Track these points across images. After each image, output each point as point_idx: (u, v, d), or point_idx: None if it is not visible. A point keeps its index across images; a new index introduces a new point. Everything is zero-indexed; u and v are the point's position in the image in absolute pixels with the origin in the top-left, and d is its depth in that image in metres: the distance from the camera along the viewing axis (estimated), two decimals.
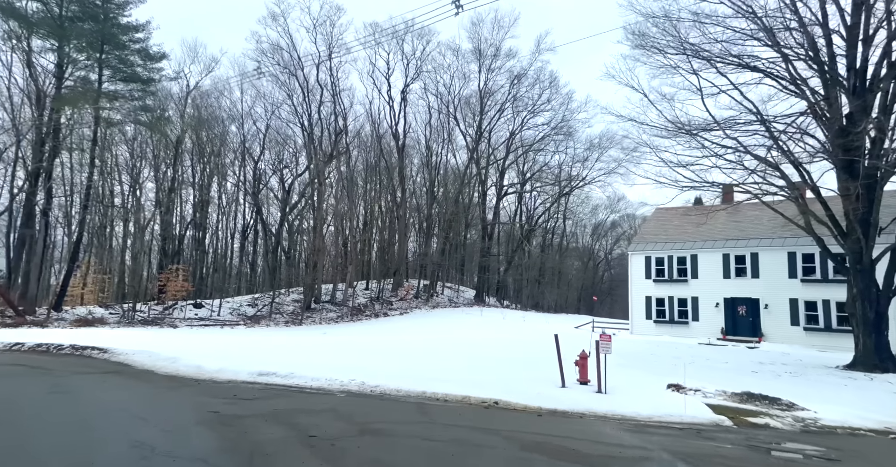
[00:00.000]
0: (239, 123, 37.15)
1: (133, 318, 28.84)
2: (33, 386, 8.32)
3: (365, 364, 11.90)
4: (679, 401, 8.60)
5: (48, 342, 15.87)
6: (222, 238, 42.76)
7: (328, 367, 11.08)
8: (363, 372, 10.45)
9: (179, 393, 8.38)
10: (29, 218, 28.70)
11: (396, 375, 10.21)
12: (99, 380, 9.06)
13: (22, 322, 25.58)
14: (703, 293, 21.09)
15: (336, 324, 30.75)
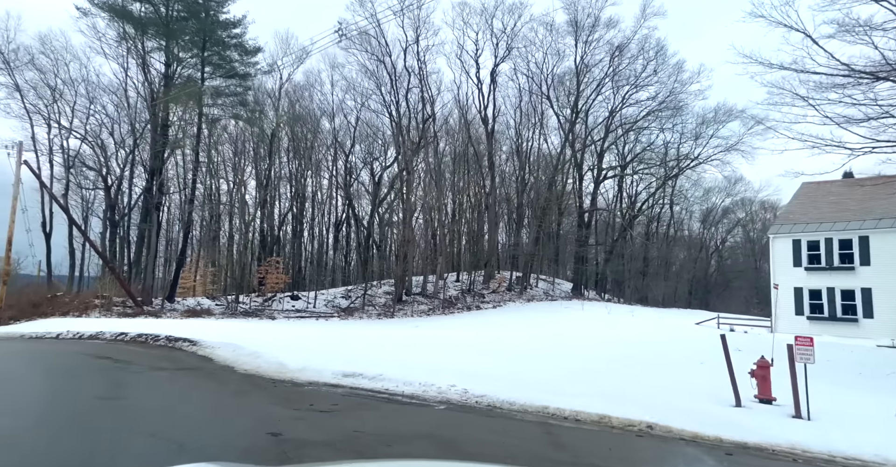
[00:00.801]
0: (330, 116, 36.92)
1: (236, 310, 29.30)
2: (96, 385, 7.23)
3: (464, 364, 9.93)
4: None
5: (149, 332, 15.61)
6: (318, 231, 43.16)
7: (423, 368, 9.25)
8: (464, 376, 8.48)
9: (248, 399, 6.86)
10: (147, 213, 30.04)
11: (505, 381, 8.13)
12: (168, 380, 7.82)
13: (140, 312, 26.68)
14: (878, 284, 16.76)
15: (428, 317, 29.34)
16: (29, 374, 7.56)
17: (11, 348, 12.55)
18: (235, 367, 9.82)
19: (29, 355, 10.38)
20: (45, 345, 14.40)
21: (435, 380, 8.19)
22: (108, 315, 26.03)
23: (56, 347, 12.87)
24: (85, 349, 12.19)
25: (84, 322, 21.56)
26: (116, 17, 26.17)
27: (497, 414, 6.60)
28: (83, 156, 34.03)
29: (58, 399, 6.31)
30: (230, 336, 14.30)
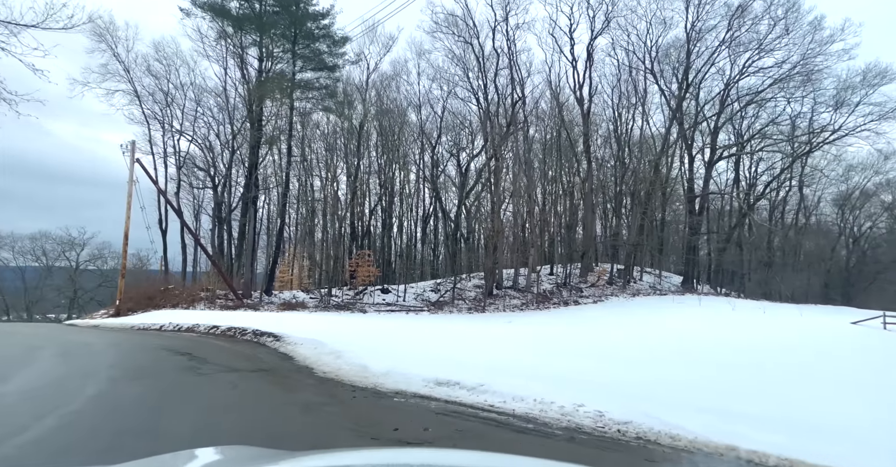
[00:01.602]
0: (416, 107, 35.86)
1: (329, 303, 29.10)
2: (148, 390, 6.09)
3: (580, 371, 7.88)
4: None
5: (238, 326, 15.09)
6: (406, 225, 42.54)
7: (532, 375, 7.33)
8: (588, 389, 6.46)
9: (318, 417, 5.32)
10: (246, 208, 30.75)
11: (643, 399, 5.99)
12: (233, 386, 6.54)
13: (240, 304, 27.20)
14: None
15: (521, 312, 27.24)
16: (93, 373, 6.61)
17: (108, 341, 12.31)
18: (314, 369, 8.49)
19: (115, 350, 9.81)
20: (143, 338, 14.26)
21: (553, 396, 6.22)
22: (211, 307, 26.76)
23: (149, 341, 12.47)
24: (173, 343, 11.61)
25: (187, 314, 22.00)
26: (216, 16, 26.67)
27: (658, 453, 4.51)
28: (193, 156, 35.88)
29: (92, 405, 5.14)
30: (316, 331, 13.26)
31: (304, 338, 11.27)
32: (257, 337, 12.92)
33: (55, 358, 8.53)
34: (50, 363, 8.00)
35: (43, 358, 8.48)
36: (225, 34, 27.05)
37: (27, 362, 7.99)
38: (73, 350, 9.84)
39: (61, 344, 11.10)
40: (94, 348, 10.23)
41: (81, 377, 6.42)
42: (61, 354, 9.05)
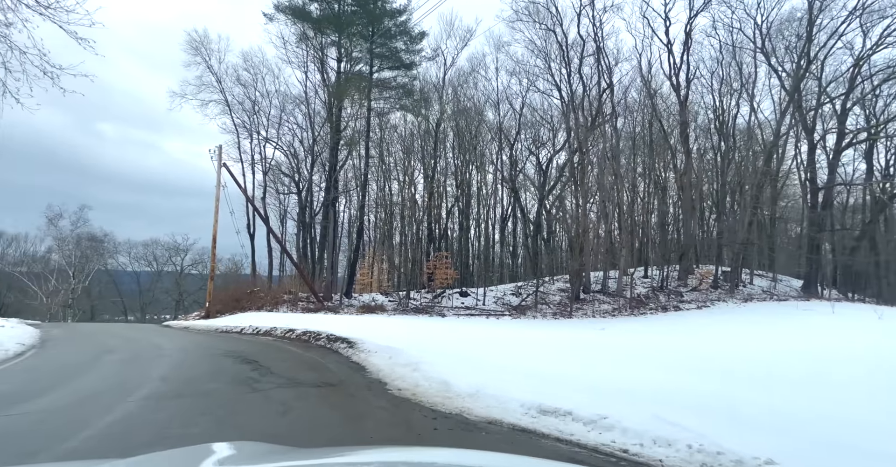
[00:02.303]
0: (494, 104, 34.27)
1: (407, 306, 28.17)
2: (188, 412, 4.92)
3: (728, 396, 5.83)
4: None
5: (313, 330, 14.20)
6: (483, 226, 40.99)
7: (665, 401, 5.45)
8: (763, 428, 4.46)
9: None
10: (327, 211, 30.69)
11: (805, 437, 3.91)
12: (288, 408, 5.24)
13: (321, 307, 26.94)
14: None
15: (613, 319, 24.64)
16: (136, 387, 5.64)
17: (182, 344, 11.80)
18: (387, 384, 7.08)
19: (180, 356, 9.05)
20: (218, 341, 13.75)
21: (720, 441, 4.29)
22: (293, 310, 26.69)
23: (222, 346, 11.80)
24: (244, 349, 10.80)
25: (269, 317, 21.81)
26: (297, 19, 26.76)
27: None
28: (279, 163, 36.74)
29: (101, 436, 3.97)
30: (393, 336, 11.98)
31: (380, 346, 9.96)
32: (331, 342, 11.85)
33: (113, 366, 7.82)
34: (103, 372, 7.27)
35: (101, 365, 7.82)
36: (305, 37, 27.06)
37: (83, 370, 7.32)
38: (140, 355, 9.20)
39: (135, 348, 10.63)
40: (162, 353, 9.56)
41: (120, 393, 5.43)
42: (124, 361, 8.37)
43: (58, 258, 46.64)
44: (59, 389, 5.67)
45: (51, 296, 44.25)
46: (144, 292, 60.14)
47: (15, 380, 6.17)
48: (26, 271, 47.72)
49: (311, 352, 10.55)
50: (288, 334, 14.72)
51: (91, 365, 7.89)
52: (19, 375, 6.67)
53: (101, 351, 9.56)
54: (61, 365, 7.66)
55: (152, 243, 59.15)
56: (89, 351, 9.89)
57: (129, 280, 59.88)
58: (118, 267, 59.91)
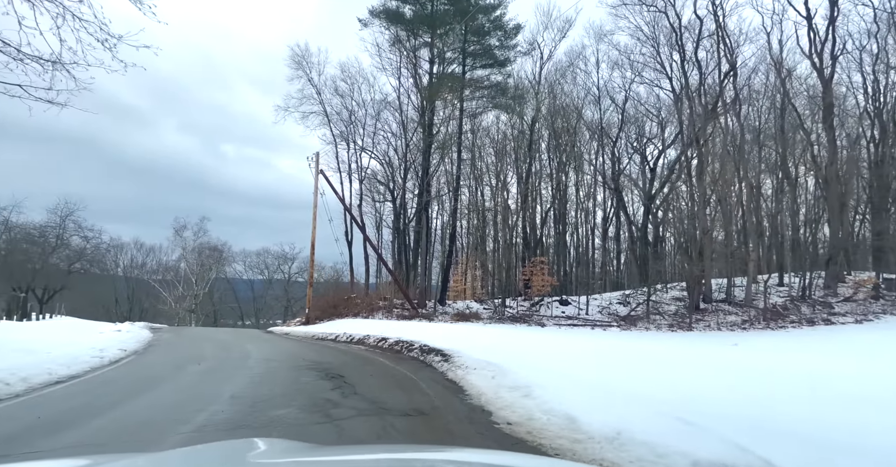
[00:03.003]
0: (595, 100, 31.72)
1: (503, 314, 26.53)
2: None
3: None
4: None
5: (406, 339, 13.10)
6: (583, 230, 38.21)
7: None
8: None
9: None
10: (420, 216, 30.08)
11: None
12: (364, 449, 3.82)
13: (415, 314, 26.18)
14: None
15: (744, 332, 21.06)
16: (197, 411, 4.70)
17: (271, 354, 11.19)
18: (493, 414, 5.54)
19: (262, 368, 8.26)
20: (309, 350, 13.08)
21: None
22: (388, 316, 26.17)
23: (310, 356, 11.01)
24: (333, 360, 9.86)
25: (364, 324, 21.28)
26: (391, 22, 26.52)
27: None
28: (374, 172, 37.05)
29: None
30: (493, 349, 10.46)
31: (479, 360, 8.47)
32: (424, 354, 10.57)
33: (190, 379, 7.16)
34: (177, 387, 6.60)
35: (179, 378, 7.20)
36: (398, 40, 26.69)
37: (157, 384, 6.71)
38: (223, 365, 8.55)
39: (223, 356, 10.13)
40: (246, 363, 8.85)
41: (176, 420, 4.53)
42: (204, 373, 7.69)
43: (184, 266, 51.03)
44: (115, 411, 4.86)
45: (178, 302, 48.38)
46: (258, 298, 64.04)
47: (83, 397, 5.56)
48: (160, 279, 52.78)
49: (403, 366, 9.32)
50: (380, 343, 13.75)
51: (170, 377, 7.26)
52: (93, 389, 6.10)
53: (190, 360, 9.08)
54: (140, 378, 7.08)
55: (264, 252, 62.90)
56: (179, 359, 9.48)
57: (244, 287, 64.13)
58: (235, 275, 64.48)
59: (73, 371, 7.20)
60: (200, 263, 50.93)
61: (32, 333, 11.97)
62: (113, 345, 10.25)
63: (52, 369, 6.92)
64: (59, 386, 6.26)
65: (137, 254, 55.30)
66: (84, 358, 8.24)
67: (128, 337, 12.93)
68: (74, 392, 5.91)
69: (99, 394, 5.73)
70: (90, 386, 6.39)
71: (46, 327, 15.95)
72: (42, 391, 5.88)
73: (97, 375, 7.20)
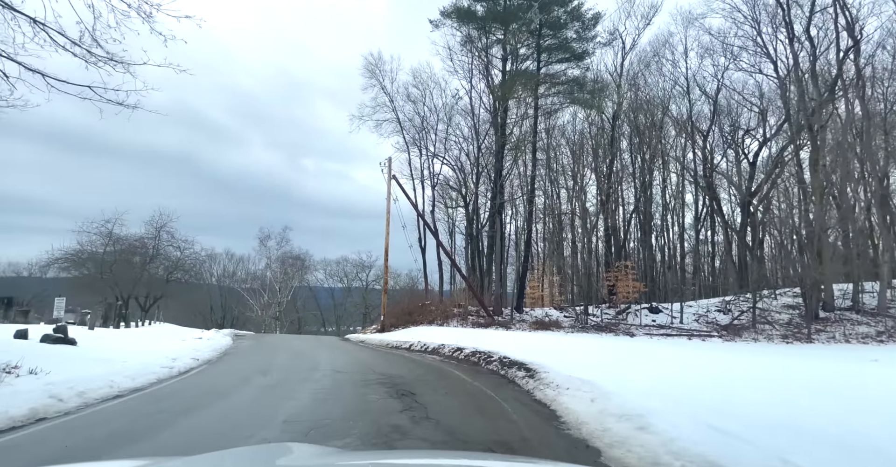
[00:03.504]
0: (683, 91, 29.09)
1: (586, 323, 24.64)
2: None
3: None
4: None
5: (484, 350, 11.98)
6: (671, 232, 35.22)
7: None
8: None
9: None
10: (493, 220, 28.94)
11: None
12: None
13: (491, 322, 25.00)
14: None
15: (880, 345, 17.86)
16: (241, 438, 3.84)
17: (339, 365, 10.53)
18: (602, 453, 4.29)
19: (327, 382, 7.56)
20: (380, 360, 12.33)
21: None
22: (463, 324, 25.18)
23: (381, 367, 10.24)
24: (405, 373, 8.98)
25: (438, 332, 20.42)
26: (462, 22, 25.82)
27: None
28: (447, 178, 36.52)
29: None
30: (581, 363, 9.09)
31: (571, 378, 7.18)
32: (504, 367, 9.40)
33: (252, 394, 6.58)
34: (236, 402, 6.04)
35: (242, 392, 6.65)
36: (469, 39, 25.90)
37: (218, 399, 6.17)
38: (289, 378, 7.92)
39: (292, 367, 9.59)
40: (312, 376, 8.16)
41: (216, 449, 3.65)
42: (268, 387, 7.07)
43: (269, 275, 53.34)
44: (153, 439, 4.23)
45: (264, 309, 50.53)
46: (338, 306, 65.67)
47: (127, 418, 5.07)
48: (248, 287, 55.54)
49: (481, 381, 8.22)
50: (456, 353, 12.74)
51: (230, 391, 6.69)
52: (144, 407, 5.61)
53: (257, 371, 8.57)
54: (199, 392, 6.56)
55: (342, 261, 64.47)
56: (247, 369, 9.02)
57: (325, 295, 66.04)
58: (316, 283, 66.61)
59: (136, 383, 6.82)
60: (284, 272, 52.97)
61: (120, 341, 12.22)
62: (187, 354, 10.04)
63: (116, 382, 6.55)
64: (114, 401, 5.82)
65: (229, 263, 58.66)
66: (153, 368, 7.94)
67: (206, 345, 12.90)
68: (123, 411, 5.40)
69: (146, 414, 5.16)
70: (143, 403, 5.90)
71: (138, 334, 16.58)
72: (95, 407, 5.43)
73: (158, 389, 6.76)
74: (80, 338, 10.74)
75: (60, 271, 30.65)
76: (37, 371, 6.41)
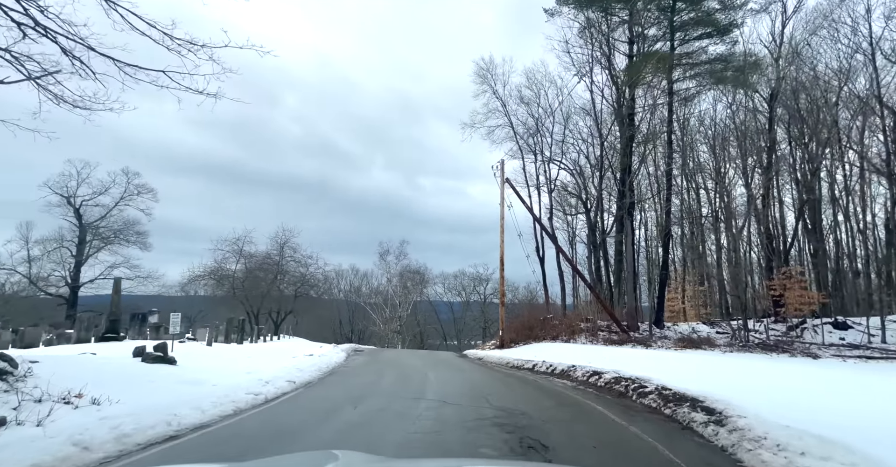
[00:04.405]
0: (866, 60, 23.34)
1: (746, 340, 20.16)
2: None
3: None
4: None
5: (630, 375, 9.38)
6: (849, 233, 28.54)
7: None
8: None
9: None
10: (621, 224, 25.57)
11: None
12: None
13: (626, 339, 21.71)
14: None
15: None
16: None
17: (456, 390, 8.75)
18: None
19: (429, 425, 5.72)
20: (502, 387, 10.29)
21: None
22: (593, 340, 22.17)
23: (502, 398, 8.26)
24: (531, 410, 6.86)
25: (565, 350, 17.85)
26: (581, 7, 23.32)
27: None
28: (564, 184, 33.88)
29: None
30: (789, 401, 6.26)
31: (792, 430, 4.54)
32: (668, 403, 6.83)
33: (328, 436, 5.06)
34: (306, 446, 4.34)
35: (313, 436, 5.10)
36: (589, 24, 23.28)
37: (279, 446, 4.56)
38: (382, 413, 6.24)
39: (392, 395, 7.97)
40: (411, 410, 6.38)
41: None
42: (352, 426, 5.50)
43: (389, 289, 54.28)
44: None
45: (386, 324, 51.27)
46: (458, 320, 65.03)
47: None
48: (371, 302, 57.12)
49: (640, 425, 5.82)
50: (592, 378, 10.26)
51: (307, 432, 5.22)
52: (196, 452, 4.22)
53: (352, 400, 7.05)
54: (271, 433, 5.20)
55: (460, 275, 64.05)
56: (341, 397, 7.58)
57: (444, 308, 65.91)
58: (435, 297, 66.76)
59: (206, 416, 5.62)
60: (403, 286, 53.56)
61: (226, 359, 11.72)
62: (285, 376, 8.98)
63: (181, 414, 5.41)
64: (160, 447, 4.57)
65: (354, 279, 61.08)
66: (238, 395, 6.82)
67: (313, 363, 11.95)
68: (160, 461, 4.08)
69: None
70: (193, 449, 4.59)
71: (254, 351, 16.45)
72: (128, 458, 4.17)
73: (224, 426, 5.47)
74: (187, 355, 10.32)
75: (199, 289, 33.45)
76: (101, 400, 5.48)
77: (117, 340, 14.95)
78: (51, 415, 4.79)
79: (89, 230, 33.76)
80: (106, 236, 34.50)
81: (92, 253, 34.14)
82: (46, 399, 5.18)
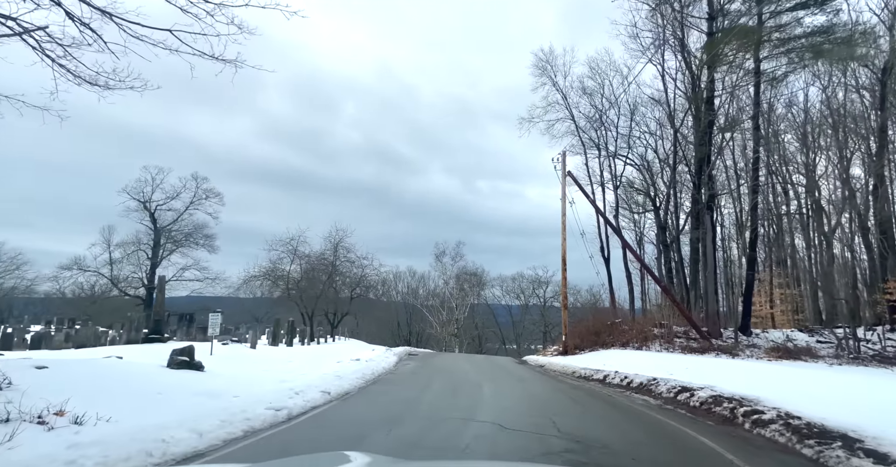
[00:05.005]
0: None
1: (858, 351, 17.18)
2: None
3: None
4: None
5: (735, 395, 7.51)
6: None
7: None
8: None
9: None
10: (697, 218, 22.93)
11: None
12: None
13: (708, 347, 19.23)
14: None
15: None
16: None
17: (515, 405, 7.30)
18: None
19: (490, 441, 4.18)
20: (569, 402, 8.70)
21: None
22: (669, 348, 19.82)
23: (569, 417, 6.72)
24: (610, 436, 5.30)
25: (639, 358, 15.82)
26: None
27: None
28: (629, 181, 31.46)
29: None
30: None
31: None
32: (803, 439, 5.03)
33: None
34: None
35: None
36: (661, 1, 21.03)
37: None
38: (419, 443, 4.85)
39: (439, 413, 6.62)
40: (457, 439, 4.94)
41: None
42: None
43: (446, 292, 53.18)
44: None
45: (443, 326, 50.15)
46: (516, 323, 62.98)
47: None
48: (428, 304, 56.28)
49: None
50: (682, 396, 8.42)
51: None
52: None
53: (388, 421, 5.77)
54: None
55: (518, 277, 62.10)
56: (378, 415, 6.31)
57: (503, 312, 64.01)
58: (493, 300, 64.97)
59: (203, 442, 4.52)
60: (459, 288, 52.32)
61: (262, 364, 10.84)
62: (321, 385, 7.88)
63: (170, 441, 4.34)
64: None
65: (412, 281, 60.55)
66: (256, 410, 5.74)
67: (356, 370, 10.86)
68: None
69: None
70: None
71: (299, 354, 15.62)
72: None
73: (220, 456, 4.31)
74: (224, 359, 9.54)
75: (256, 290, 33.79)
76: (85, 419, 4.50)
77: (161, 342, 14.69)
78: (12, 441, 3.85)
79: (163, 233, 35.16)
80: (177, 239, 35.84)
81: (165, 255, 35.58)
82: (17, 418, 4.26)
